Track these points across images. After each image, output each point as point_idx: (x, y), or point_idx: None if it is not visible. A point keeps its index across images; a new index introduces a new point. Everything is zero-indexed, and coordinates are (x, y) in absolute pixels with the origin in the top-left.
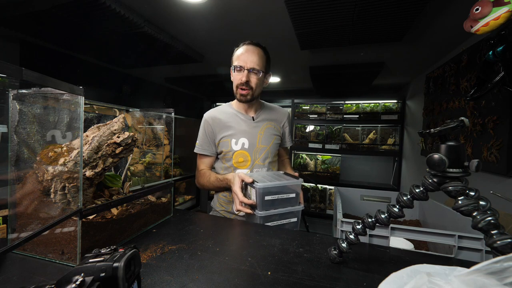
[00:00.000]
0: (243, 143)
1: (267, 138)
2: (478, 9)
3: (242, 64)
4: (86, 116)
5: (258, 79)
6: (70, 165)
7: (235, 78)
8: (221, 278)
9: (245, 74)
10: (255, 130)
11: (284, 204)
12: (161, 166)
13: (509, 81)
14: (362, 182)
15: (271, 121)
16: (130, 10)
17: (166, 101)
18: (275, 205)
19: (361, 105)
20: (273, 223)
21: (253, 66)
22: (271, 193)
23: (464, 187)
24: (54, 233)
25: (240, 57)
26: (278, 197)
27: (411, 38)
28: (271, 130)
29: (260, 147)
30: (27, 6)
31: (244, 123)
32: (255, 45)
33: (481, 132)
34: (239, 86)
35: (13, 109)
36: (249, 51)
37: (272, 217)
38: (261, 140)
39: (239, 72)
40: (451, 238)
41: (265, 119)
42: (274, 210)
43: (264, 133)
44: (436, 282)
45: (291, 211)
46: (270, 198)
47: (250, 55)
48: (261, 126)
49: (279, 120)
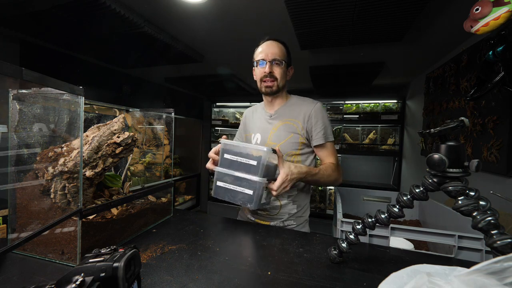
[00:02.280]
0: (257, 138)
1: (279, 135)
2: (478, 9)
3: (264, 57)
4: (86, 116)
5: (281, 69)
6: (70, 165)
7: (258, 72)
8: (221, 278)
9: (268, 65)
10: (269, 126)
11: (242, 169)
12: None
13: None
14: (362, 182)
15: (291, 118)
16: (130, 10)
17: (166, 101)
18: (233, 167)
19: (361, 105)
20: (226, 185)
21: (275, 57)
22: (231, 152)
23: (464, 187)
24: (54, 233)
25: (261, 52)
26: (236, 159)
27: (411, 38)
28: (288, 127)
29: (269, 144)
30: (27, 6)
31: (261, 119)
32: (274, 40)
33: (481, 132)
34: (262, 79)
35: (13, 109)
36: (269, 45)
37: (225, 178)
38: (272, 137)
39: (262, 66)
40: (451, 238)
41: (283, 116)
42: (229, 170)
43: (278, 130)
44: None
45: (247, 179)
46: (229, 157)
47: (271, 48)
48: (276, 123)
49: (301, 116)
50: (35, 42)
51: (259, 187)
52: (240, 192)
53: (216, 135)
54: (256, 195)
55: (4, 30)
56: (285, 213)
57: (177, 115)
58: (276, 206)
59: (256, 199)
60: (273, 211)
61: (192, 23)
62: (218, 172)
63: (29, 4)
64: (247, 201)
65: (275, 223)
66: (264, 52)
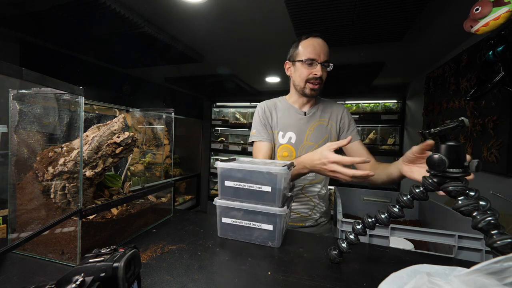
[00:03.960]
0: (290, 137)
1: (317, 136)
2: (478, 9)
3: (315, 57)
4: (86, 116)
5: (326, 72)
6: (70, 165)
7: (304, 71)
8: (221, 278)
9: (319, 68)
10: (305, 125)
11: (252, 198)
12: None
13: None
14: (362, 182)
15: (324, 118)
16: (130, 10)
17: (166, 101)
18: (240, 196)
19: (361, 105)
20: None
21: (327, 58)
22: (233, 178)
23: (464, 187)
24: (54, 233)
25: (311, 50)
26: (243, 186)
27: (411, 38)
28: (323, 127)
29: (307, 144)
30: (27, 6)
31: (294, 116)
32: (322, 38)
33: (481, 132)
34: (309, 80)
35: (13, 109)
36: (319, 44)
37: (232, 212)
38: (310, 137)
39: (311, 66)
40: (451, 238)
41: (317, 115)
42: (235, 201)
43: (315, 130)
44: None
45: (261, 211)
46: (232, 185)
47: (322, 48)
48: (312, 122)
49: (334, 116)
50: (35, 42)
51: (280, 220)
52: (256, 228)
53: (216, 135)
54: (278, 230)
55: (4, 30)
56: (317, 212)
57: (177, 115)
58: (310, 206)
59: (278, 235)
60: (306, 212)
61: (192, 23)
62: (221, 206)
63: (29, 4)
64: (267, 239)
65: (309, 223)
66: (316, 52)
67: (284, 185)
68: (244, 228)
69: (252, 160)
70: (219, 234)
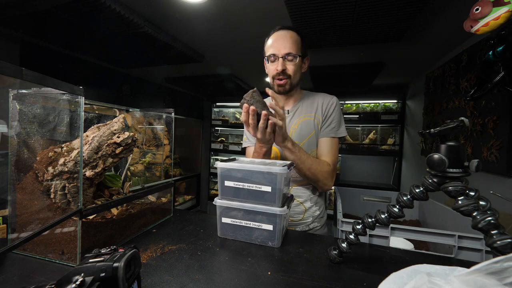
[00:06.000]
0: None
1: (302, 134)
2: (478, 9)
3: (275, 52)
4: (86, 116)
5: (295, 65)
6: (70, 165)
7: (270, 69)
8: (221, 278)
9: (280, 62)
10: (288, 124)
11: (252, 198)
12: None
13: (509, 81)
14: (362, 182)
15: (310, 113)
16: (130, 10)
17: (166, 101)
18: (240, 196)
19: (361, 105)
20: (235, 221)
21: (288, 51)
22: (233, 178)
23: (464, 187)
24: (54, 233)
25: (272, 45)
26: (243, 186)
27: (411, 38)
28: (309, 123)
29: None
30: (27, 6)
31: None
32: (286, 29)
33: (481, 132)
34: (275, 77)
35: (13, 109)
36: (280, 37)
37: (232, 212)
38: (294, 135)
39: (273, 62)
40: (451, 238)
41: (302, 111)
42: (235, 201)
43: (299, 128)
44: (436, 282)
45: (261, 211)
46: (232, 184)
47: (282, 41)
48: (296, 120)
49: (320, 108)
50: (35, 42)
51: (280, 220)
52: (255, 228)
53: (216, 135)
54: (278, 230)
55: (4, 30)
56: (309, 216)
57: (177, 115)
58: (301, 211)
59: (278, 235)
60: (297, 216)
61: (192, 23)
62: (221, 206)
63: (29, 4)
64: (267, 239)
65: (301, 227)
66: (274, 47)
67: (284, 185)
68: (244, 228)
69: (252, 160)
70: (219, 234)
